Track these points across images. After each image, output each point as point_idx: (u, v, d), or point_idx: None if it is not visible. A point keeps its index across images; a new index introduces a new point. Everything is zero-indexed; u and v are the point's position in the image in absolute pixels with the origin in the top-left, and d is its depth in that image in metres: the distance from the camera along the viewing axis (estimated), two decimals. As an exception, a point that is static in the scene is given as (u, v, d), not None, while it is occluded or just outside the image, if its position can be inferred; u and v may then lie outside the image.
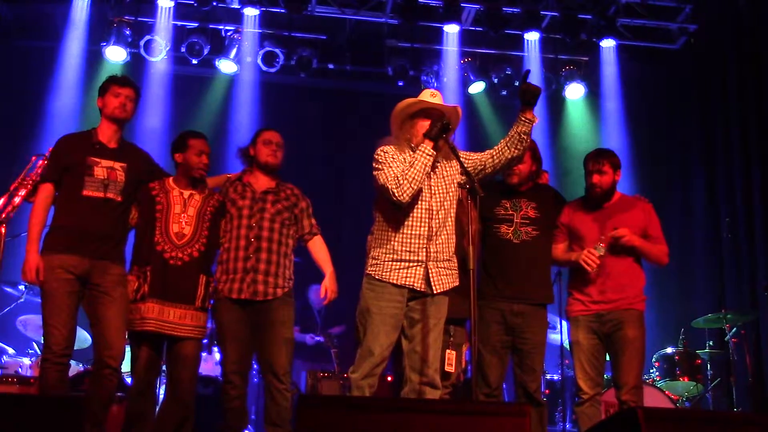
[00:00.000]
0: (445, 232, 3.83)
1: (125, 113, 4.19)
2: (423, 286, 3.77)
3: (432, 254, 3.78)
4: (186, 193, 4.31)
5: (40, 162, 4.24)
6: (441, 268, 3.81)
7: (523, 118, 3.83)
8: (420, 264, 3.77)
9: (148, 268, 4.14)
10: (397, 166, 3.75)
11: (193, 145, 4.32)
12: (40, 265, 3.93)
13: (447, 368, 4.10)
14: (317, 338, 6.98)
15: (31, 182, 4.19)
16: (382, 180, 3.75)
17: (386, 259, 3.79)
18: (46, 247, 4.00)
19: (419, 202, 3.79)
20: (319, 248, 4.53)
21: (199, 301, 4.20)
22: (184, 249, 4.19)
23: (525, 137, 3.85)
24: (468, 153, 3.94)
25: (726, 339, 6.18)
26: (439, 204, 3.82)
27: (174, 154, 4.37)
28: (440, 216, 3.82)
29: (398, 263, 3.77)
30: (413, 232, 3.78)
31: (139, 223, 4.26)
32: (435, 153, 3.76)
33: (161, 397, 5.25)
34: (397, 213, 3.79)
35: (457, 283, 3.88)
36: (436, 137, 3.74)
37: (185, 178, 4.33)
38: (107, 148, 4.17)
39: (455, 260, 3.89)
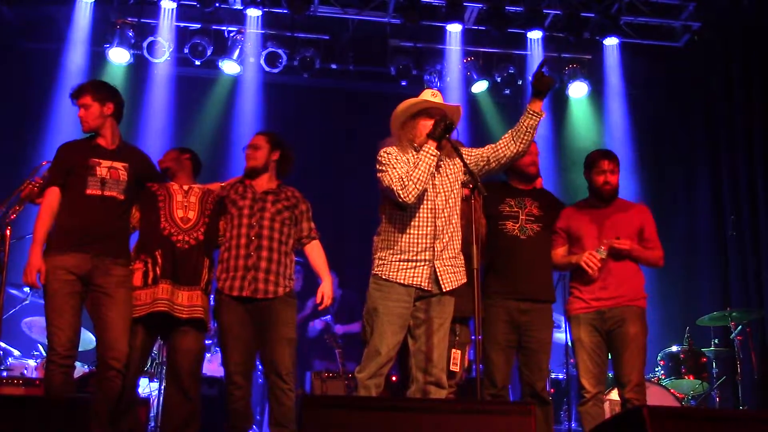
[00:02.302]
0: (450, 230, 3.82)
1: (85, 125, 4.19)
2: (430, 285, 3.77)
3: (438, 253, 3.78)
4: (185, 186, 4.40)
5: (46, 171, 4.25)
6: (448, 266, 3.80)
7: (531, 111, 3.80)
8: (426, 263, 3.77)
9: (157, 252, 4.16)
10: (401, 167, 3.74)
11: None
12: (41, 268, 3.94)
13: (452, 367, 4.11)
14: (325, 318, 6.84)
15: (37, 185, 4.22)
16: (386, 181, 3.74)
17: (393, 259, 3.79)
18: (48, 248, 4.01)
19: (424, 202, 3.79)
20: (316, 254, 4.53)
21: (203, 283, 4.25)
22: (190, 233, 4.25)
23: (531, 131, 3.82)
24: (470, 149, 3.93)
25: (731, 337, 6.16)
26: (443, 202, 3.82)
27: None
28: (445, 214, 3.81)
29: (405, 263, 3.77)
30: (419, 232, 3.77)
31: (141, 220, 4.28)
32: (438, 153, 3.75)
33: (155, 395, 5.27)
34: (403, 213, 3.79)
35: (465, 281, 3.87)
36: (440, 137, 3.73)
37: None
38: (107, 150, 4.21)
39: (462, 257, 3.89)
